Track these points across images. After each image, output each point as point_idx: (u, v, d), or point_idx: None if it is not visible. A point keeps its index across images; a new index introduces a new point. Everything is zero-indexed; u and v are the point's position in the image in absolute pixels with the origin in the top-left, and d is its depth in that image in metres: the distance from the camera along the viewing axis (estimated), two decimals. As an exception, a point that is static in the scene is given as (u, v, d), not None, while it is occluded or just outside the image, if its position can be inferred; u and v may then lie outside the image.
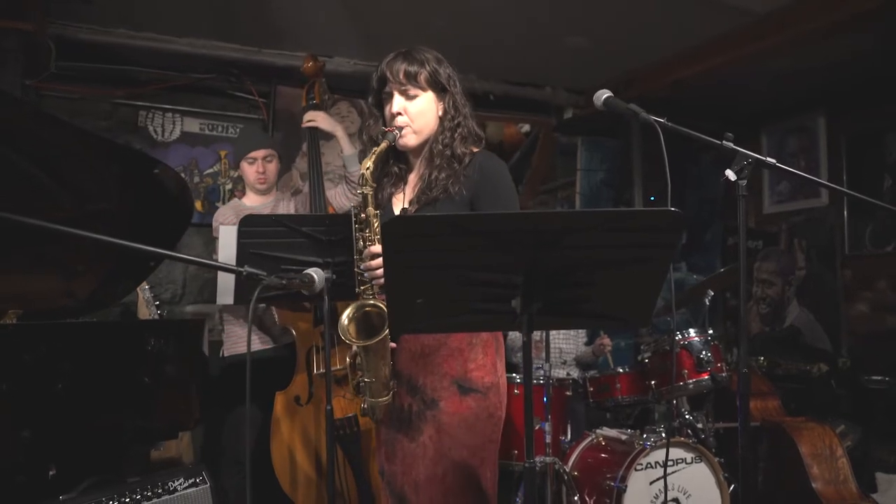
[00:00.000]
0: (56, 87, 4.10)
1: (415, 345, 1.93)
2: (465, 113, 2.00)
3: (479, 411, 1.90)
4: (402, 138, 1.95)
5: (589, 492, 3.21)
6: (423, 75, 1.94)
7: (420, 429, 1.91)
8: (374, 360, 1.87)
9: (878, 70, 4.32)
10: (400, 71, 1.93)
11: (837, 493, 3.11)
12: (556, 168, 5.80)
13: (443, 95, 1.98)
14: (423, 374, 1.92)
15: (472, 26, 3.92)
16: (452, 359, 1.91)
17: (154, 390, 2.54)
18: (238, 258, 2.44)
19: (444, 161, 1.93)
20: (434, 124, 1.99)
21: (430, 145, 1.98)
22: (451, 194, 1.89)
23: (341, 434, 3.02)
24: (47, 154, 2.22)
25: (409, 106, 1.95)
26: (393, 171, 2.07)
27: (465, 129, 1.98)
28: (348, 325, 1.86)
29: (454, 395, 1.89)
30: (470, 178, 1.91)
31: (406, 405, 1.94)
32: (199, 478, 2.48)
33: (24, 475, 2.21)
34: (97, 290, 2.73)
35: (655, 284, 1.47)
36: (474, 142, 2.00)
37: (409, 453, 1.92)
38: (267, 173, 3.38)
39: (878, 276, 4.68)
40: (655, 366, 3.54)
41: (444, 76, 1.97)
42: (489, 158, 1.98)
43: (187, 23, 4.02)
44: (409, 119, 1.95)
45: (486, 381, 1.92)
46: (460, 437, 1.88)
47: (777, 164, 1.85)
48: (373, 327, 1.88)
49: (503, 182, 1.95)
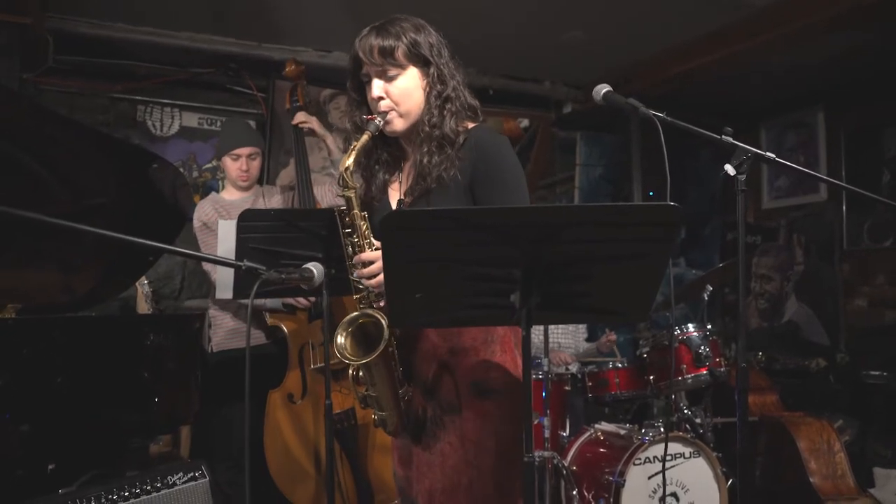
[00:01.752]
0: (54, 81, 4.09)
1: (428, 346, 1.79)
2: (453, 84, 1.76)
3: (502, 414, 1.73)
4: (388, 125, 1.76)
5: (587, 486, 3.22)
6: (400, 49, 1.71)
7: (437, 435, 1.76)
8: (378, 374, 1.75)
9: (877, 65, 4.32)
10: (374, 49, 1.71)
11: (835, 487, 3.12)
12: (555, 163, 5.80)
13: (426, 69, 1.75)
14: (439, 377, 1.77)
15: (471, 20, 3.91)
16: (468, 359, 1.76)
17: (153, 385, 2.54)
18: (237, 253, 2.44)
19: (433, 144, 1.72)
20: (422, 101, 1.76)
21: (417, 127, 1.76)
22: (445, 182, 1.70)
23: (339, 428, 3.02)
24: (45, 148, 2.22)
25: (390, 88, 1.73)
26: (383, 157, 1.88)
27: (456, 102, 1.75)
28: (345, 343, 1.72)
29: (473, 398, 1.74)
30: (466, 161, 1.71)
31: (421, 410, 1.80)
32: (198, 472, 2.48)
33: (23, 469, 2.21)
34: (96, 286, 2.73)
35: (654, 279, 1.46)
36: (468, 116, 1.79)
37: (423, 461, 1.79)
38: (250, 171, 3.33)
39: (876, 270, 4.69)
40: (654, 361, 3.55)
41: (426, 46, 1.74)
42: (485, 134, 1.76)
43: (186, 17, 4.00)
44: (392, 102, 1.74)
45: (506, 380, 1.76)
46: (485, 443, 1.72)
47: (776, 158, 1.85)
48: (370, 339, 1.74)
49: (504, 160, 1.74)
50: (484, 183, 1.72)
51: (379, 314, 1.70)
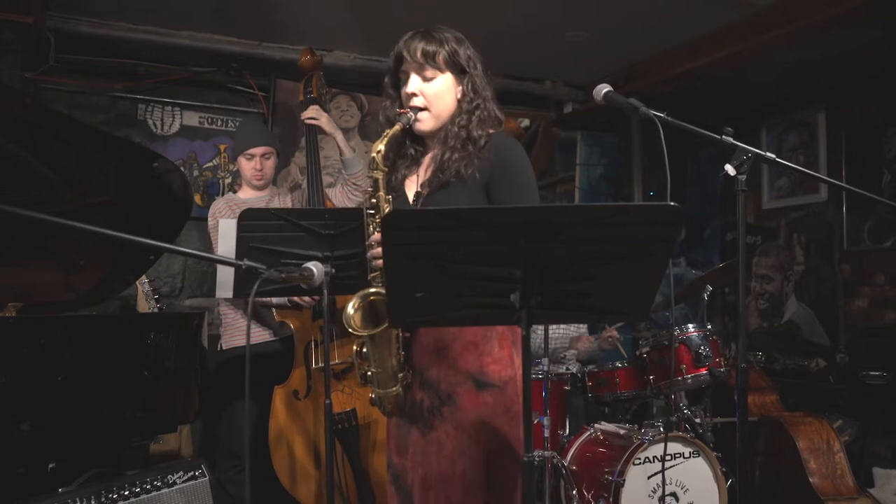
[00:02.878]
0: (55, 80, 4.10)
1: (428, 339, 1.86)
2: (484, 96, 1.91)
3: (496, 407, 1.82)
4: (419, 122, 1.88)
5: (587, 486, 3.22)
6: (441, 55, 1.86)
7: (433, 425, 1.84)
8: (380, 350, 1.83)
9: (878, 64, 4.32)
10: (417, 50, 1.85)
11: (834, 487, 3.12)
12: (556, 162, 5.81)
13: (462, 77, 1.90)
14: (438, 369, 1.85)
15: (472, 20, 3.91)
16: (468, 353, 1.84)
17: (153, 384, 2.54)
18: (238, 251, 2.44)
19: (458, 142, 1.85)
20: (452, 107, 1.90)
21: (446, 127, 1.89)
22: (464, 177, 1.82)
23: (340, 428, 3.03)
24: (47, 147, 2.22)
25: (425, 88, 1.87)
26: (409, 152, 1.99)
27: (485, 111, 1.89)
28: (353, 315, 1.81)
29: (470, 390, 1.82)
30: (485, 161, 1.83)
31: (419, 399, 1.87)
32: (199, 471, 2.49)
33: (23, 468, 2.22)
34: (98, 283, 2.74)
35: (654, 279, 1.46)
36: (493, 125, 1.92)
37: (419, 449, 1.86)
38: (265, 170, 3.34)
39: (876, 271, 4.69)
40: (654, 360, 3.55)
41: (464, 57, 1.89)
42: (505, 140, 1.89)
43: (187, 16, 4.01)
44: (425, 101, 1.87)
45: (503, 374, 1.84)
46: (479, 434, 1.81)
47: (776, 158, 1.85)
48: (378, 316, 1.82)
49: (521, 166, 1.86)
50: (500, 184, 1.83)
51: None
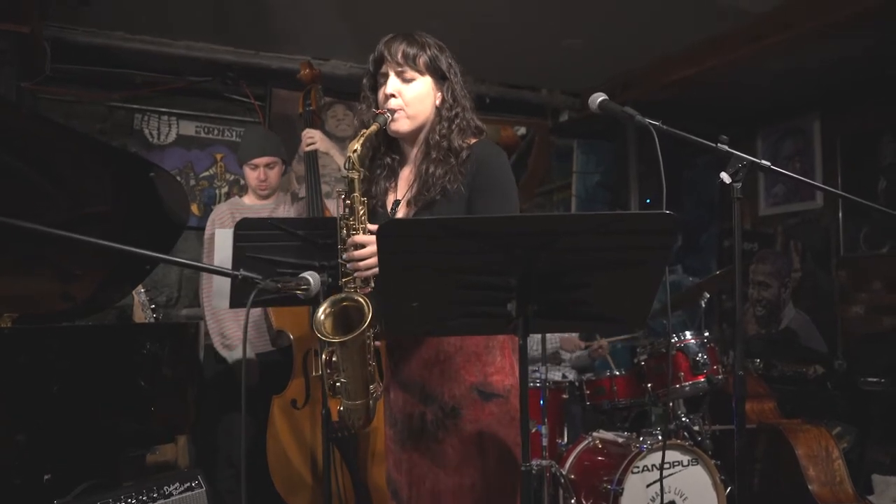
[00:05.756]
0: (52, 90, 4.09)
1: (429, 351, 1.84)
2: (464, 105, 1.89)
3: (502, 416, 1.82)
4: (394, 122, 1.85)
5: (586, 495, 3.21)
6: (422, 59, 1.85)
7: (439, 438, 1.82)
8: (351, 359, 1.78)
9: (873, 72, 4.34)
10: (398, 51, 1.84)
11: (833, 495, 3.12)
12: (552, 170, 5.81)
13: (442, 83, 1.89)
14: (441, 382, 1.82)
15: (468, 29, 3.93)
16: (471, 364, 1.82)
17: (150, 394, 2.53)
18: (234, 261, 2.44)
19: (440, 154, 1.83)
20: (430, 112, 1.88)
21: (427, 136, 1.88)
22: (450, 194, 1.80)
23: (338, 437, 3.01)
24: (43, 157, 2.21)
25: (404, 89, 1.85)
26: (385, 161, 1.97)
27: (464, 120, 1.88)
28: (324, 321, 1.76)
29: (475, 402, 1.81)
30: (468, 174, 1.82)
31: (418, 413, 1.85)
32: (195, 482, 2.47)
33: (19, 479, 2.20)
34: (94, 293, 2.73)
35: (651, 287, 1.47)
36: (473, 134, 1.91)
37: (424, 463, 1.83)
38: (269, 180, 3.35)
39: (873, 277, 4.70)
40: (652, 368, 3.55)
41: (445, 64, 1.88)
42: (486, 148, 1.87)
43: (184, 26, 4.01)
44: (403, 103, 1.85)
45: (507, 384, 1.84)
46: (487, 445, 1.80)
47: (771, 166, 1.86)
48: (351, 323, 1.77)
49: (500, 173, 1.85)
50: (479, 193, 1.81)
51: (364, 300, 1.75)
